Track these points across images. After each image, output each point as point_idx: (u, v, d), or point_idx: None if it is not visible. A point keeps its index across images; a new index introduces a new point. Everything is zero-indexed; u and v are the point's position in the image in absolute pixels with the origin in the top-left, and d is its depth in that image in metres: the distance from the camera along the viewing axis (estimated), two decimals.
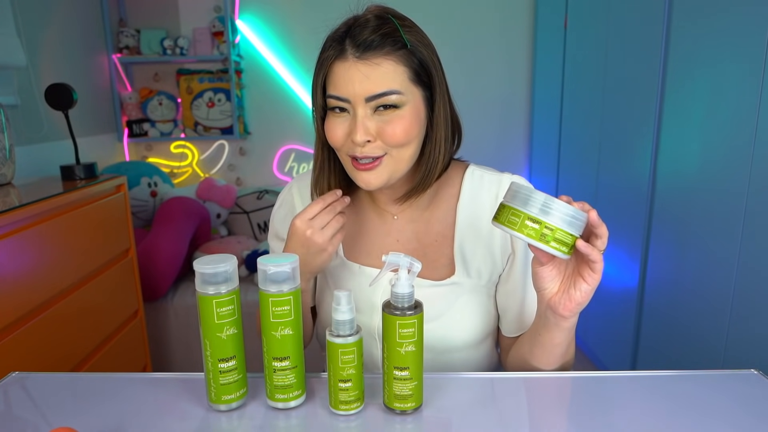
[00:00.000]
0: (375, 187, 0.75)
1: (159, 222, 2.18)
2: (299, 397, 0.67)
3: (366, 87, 0.70)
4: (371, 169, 0.74)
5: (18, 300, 1.15)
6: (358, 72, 0.70)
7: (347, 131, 0.73)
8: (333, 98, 0.73)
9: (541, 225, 0.62)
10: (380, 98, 0.71)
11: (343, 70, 0.72)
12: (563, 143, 2.50)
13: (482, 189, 0.83)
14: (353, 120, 0.72)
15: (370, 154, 0.73)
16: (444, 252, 0.83)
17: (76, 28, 2.36)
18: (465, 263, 0.82)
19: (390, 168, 0.75)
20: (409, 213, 0.85)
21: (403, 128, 0.72)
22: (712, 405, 0.67)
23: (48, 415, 0.68)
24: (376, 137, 0.73)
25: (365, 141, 0.72)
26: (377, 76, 0.70)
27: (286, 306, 0.63)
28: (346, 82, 0.71)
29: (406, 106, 0.72)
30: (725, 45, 1.35)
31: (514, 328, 0.85)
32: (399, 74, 0.71)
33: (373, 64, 0.70)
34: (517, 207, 0.63)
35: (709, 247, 1.43)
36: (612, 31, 1.97)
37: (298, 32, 2.79)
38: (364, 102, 0.71)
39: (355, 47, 0.71)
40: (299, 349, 0.66)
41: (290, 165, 2.96)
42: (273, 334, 0.64)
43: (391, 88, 0.71)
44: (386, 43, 0.71)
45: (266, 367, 0.66)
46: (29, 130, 1.94)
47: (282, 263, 0.63)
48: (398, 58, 0.71)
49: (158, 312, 2.11)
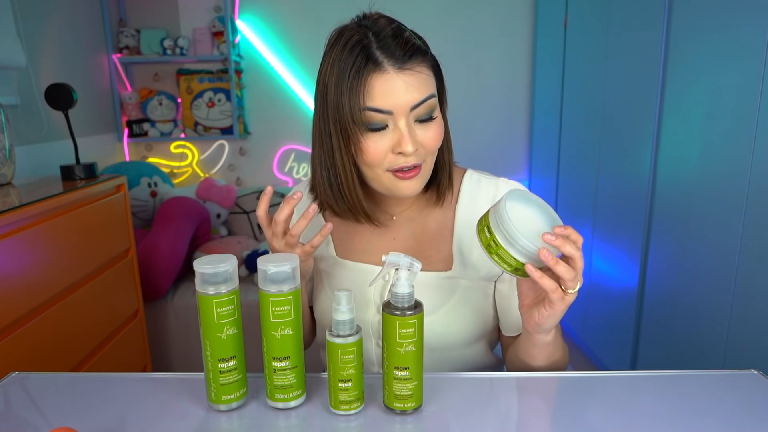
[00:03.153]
0: (415, 192, 0.77)
1: (159, 222, 2.18)
2: (299, 397, 0.67)
3: (411, 96, 0.71)
4: (415, 176, 0.75)
5: (18, 300, 1.15)
6: (403, 83, 0.70)
7: (390, 145, 0.72)
8: (374, 111, 0.70)
9: (491, 236, 0.64)
10: (422, 104, 0.72)
11: (384, 82, 0.70)
12: (563, 143, 2.50)
13: (480, 192, 0.85)
14: (395, 132, 0.72)
15: (417, 161, 0.74)
16: (440, 248, 0.84)
17: (76, 28, 2.36)
18: (462, 259, 0.83)
19: (425, 174, 0.77)
20: (408, 213, 0.86)
21: (438, 133, 0.75)
22: (712, 405, 0.67)
23: (48, 415, 0.68)
24: (419, 146, 0.74)
25: (414, 150, 0.72)
26: (420, 84, 0.71)
27: (286, 306, 0.63)
28: (389, 94, 0.70)
29: (437, 110, 0.75)
30: (725, 45, 1.35)
31: (513, 327, 0.86)
32: (432, 77, 0.74)
33: (415, 72, 0.71)
34: (488, 213, 0.66)
35: (708, 247, 1.43)
36: (612, 31, 1.97)
37: (298, 32, 2.79)
38: (408, 111, 0.71)
39: (393, 58, 0.70)
40: (299, 349, 0.66)
41: (290, 165, 2.96)
42: (273, 334, 0.64)
43: (431, 92, 0.73)
44: (418, 49, 0.72)
45: (266, 367, 0.66)
46: (29, 130, 1.94)
47: (282, 263, 0.63)
48: (427, 63, 0.73)
49: (158, 312, 2.11)
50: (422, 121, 0.73)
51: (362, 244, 0.87)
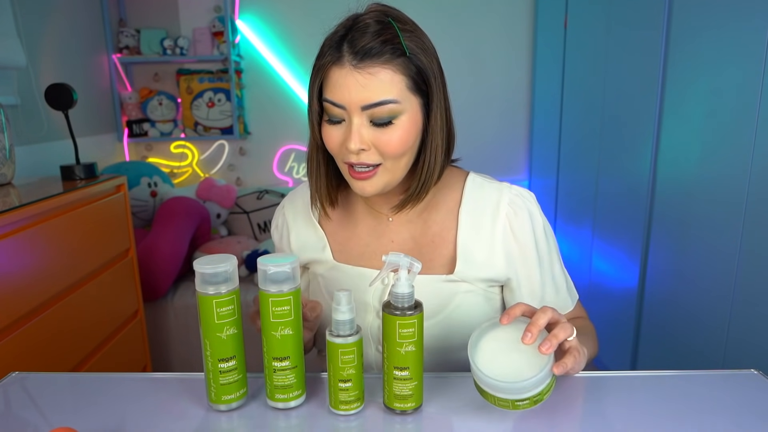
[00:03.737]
0: (370, 194, 0.76)
1: (159, 222, 2.18)
2: (299, 397, 0.67)
3: (362, 95, 0.69)
4: (367, 178, 0.74)
5: (18, 300, 1.15)
6: (355, 81, 0.69)
7: (342, 139, 0.73)
8: (329, 102, 0.72)
9: (495, 398, 0.62)
10: (377, 107, 0.70)
11: (339, 77, 0.70)
12: (563, 143, 2.50)
13: (483, 196, 0.83)
14: (348, 127, 0.72)
15: (365, 161, 0.72)
16: (441, 252, 0.83)
17: (76, 28, 2.36)
18: (466, 263, 0.81)
19: (385, 178, 0.75)
20: (405, 215, 0.85)
21: (399, 139, 0.72)
22: (712, 405, 0.67)
23: (48, 415, 0.68)
24: (371, 146, 0.72)
25: (359, 149, 0.71)
26: (374, 86, 0.69)
27: (286, 306, 0.63)
28: (342, 89, 0.70)
29: (403, 116, 0.72)
30: (725, 45, 1.35)
31: None
32: (396, 83, 0.70)
33: (369, 74, 0.69)
34: (492, 393, 0.62)
35: (708, 247, 1.43)
36: (612, 31, 1.97)
37: (298, 32, 2.79)
38: (360, 110, 0.70)
39: (353, 54, 0.69)
40: (299, 349, 0.66)
41: (290, 165, 2.96)
42: (273, 334, 0.64)
43: (388, 97, 0.70)
44: (385, 50, 0.69)
45: (266, 367, 0.66)
46: (29, 130, 1.94)
47: (282, 263, 0.63)
48: (396, 66, 0.70)
49: (158, 312, 2.11)
50: (379, 125, 0.71)
51: (360, 248, 0.86)
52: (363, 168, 0.73)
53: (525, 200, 0.82)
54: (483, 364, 0.62)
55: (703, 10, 1.44)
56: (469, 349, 0.63)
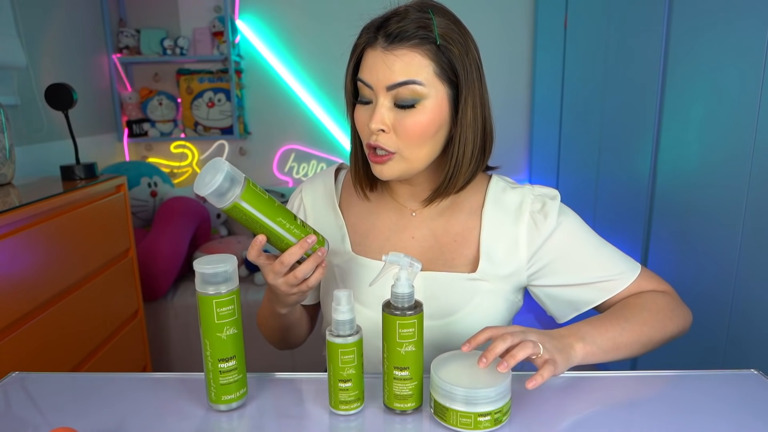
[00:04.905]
0: (387, 178, 0.77)
1: (159, 222, 2.18)
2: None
3: (387, 75, 0.71)
4: (383, 162, 0.75)
5: (18, 300, 1.15)
6: (383, 62, 0.72)
7: (367, 121, 0.75)
8: (361, 82, 0.75)
9: (471, 417, 0.61)
10: (400, 87, 0.71)
11: (370, 58, 0.73)
12: (563, 143, 2.50)
13: (505, 199, 0.84)
14: (373, 108, 0.74)
15: (382, 144, 0.74)
16: (462, 252, 0.82)
17: (76, 28, 2.36)
18: (489, 263, 0.81)
19: (402, 165, 0.76)
20: (428, 211, 0.85)
21: (420, 124, 0.73)
22: (712, 405, 0.67)
23: (48, 415, 0.68)
24: (391, 129, 0.73)
25: (379, 129, 0.73)
26: (399, 67, 0.71)
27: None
28: (372, 70, 0.73)
29: (427, 101, 0.73)
30: (725, 45, 1.35)
31: (566, 311, 0.85)
32: (423, 67, 0.72)
33: (396, 56, 0.71)
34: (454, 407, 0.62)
35: (709, 247, 1.43)
36: (612, 31, 1.97)
37: (298, 32, 2.79)
38: (386, 90, 0.72)
39: (385, 37, 0.72)
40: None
41: (290, 165, 2.96)
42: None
43: (412, 77, 0.71)
44: (416, 35, 0.71)
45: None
46: (29, 130, 1.94)
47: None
48: (425, 51, 0.72)
49: (158, 312, 2.11)
50: (402, 107, 0.73)
51: (379, 241, 0.85)
52: (381, 152, 0.75)
53: (548, 198, 0.84)
54: (444, 375, 0.63)
55: (703, 10, 1.44)
56: (431, 368, 0.64)
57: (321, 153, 2.92)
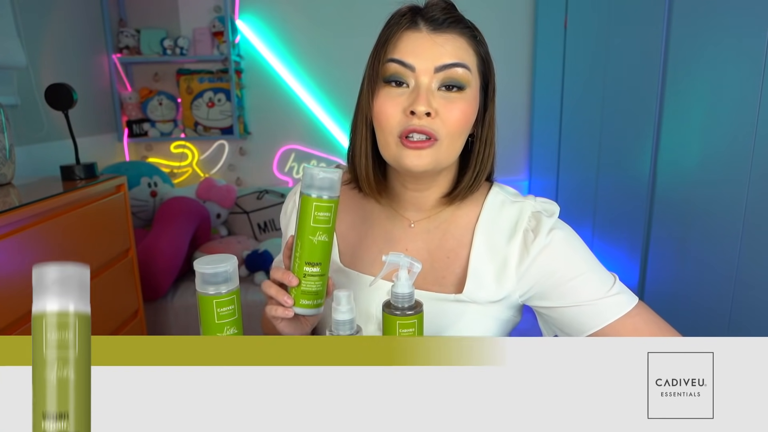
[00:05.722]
0: (423, 168, 0.70)
1: (159, 222, 2.18)
2: None
3: (438, 55, 0.68)
4: (422, 149, 0.68)
5: (18, 300, 1.15)
6: (432, 42, 0.69)
7: (405, 105, 0.69)
8: (396, 63, 0.69)
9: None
10: (451, 68, 0.69)
11: (414, 39, 0.70)
12: (563, 143, 2.50)
13: (502, 215, 0.78)
14: (415, 92, 0.69)
15: (427, 128, 0.68)
16: (453, 270, 0.78)
17: (76, 28, 2.36)
18: (477, 284, 0.76)
19: (438, 155, 0.70)
20: (426, 223, 0.80)
21: (464, 112, 0.70)
22: None
23: None
24: (436, 115, 0.68)
25: (426, 112, 0.67)
26: (452, 47, 0.69)
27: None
28: (415, 50, 0.69)
29: (470, 89, 0.71)
30: (725, 45, 1.35)
31: (589, 324, 0.74)
32: (471, 54, 0.71)
33: (449, 37, 0.70)
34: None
35: (708, 247, 1.43)
36: (612, 31, 1.97)
37: (298, 32, 2.79)
38: (433, 72, 0.69)
39: (430, 21, 0.70)
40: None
41: (290, 165, 2.96)
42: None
43: (464, 60, 0.70)
44: (461, 24, 0.71)
45: None
46: (29, 130, 1.94)
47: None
48: (470, 40, 0.72)
49: (158, 312, 2.11)
50: (448, 89, 0.69)
51: (371, 253, 0.81)
52: (421, 137, 0.68)
53: (544, 215, 0.76)
54: None
55: (703, 10, 1.44)
56: None
57: (321, 153, 2.92)
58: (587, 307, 0.73)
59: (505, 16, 2.81)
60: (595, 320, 0.73)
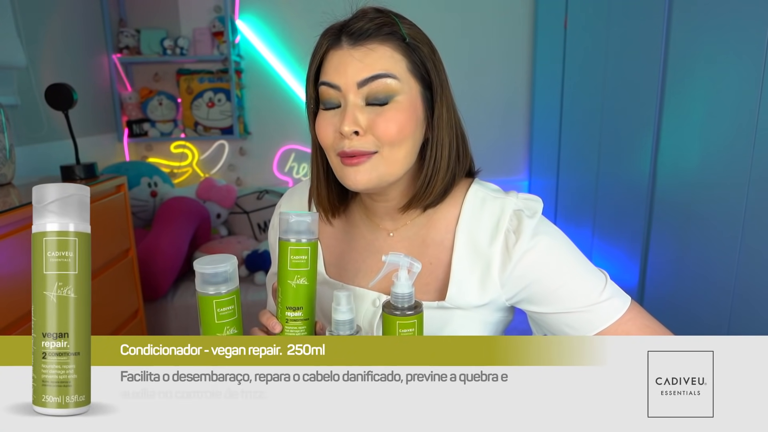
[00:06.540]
0: (363, 186, 0.68)
1: (159, 222, 2.18)
2: None
3: (358, 70, 0.66)
4: (359, 164, 0.67)
5: (18, 300, 1.15)
6: (351, 57, 0.67)
7: (336, 126, 0.68)
8: (325, 85, 0.69)
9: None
10: (373, 82, 0.66)
11: (336, 58, 0.68)
12: (563, 143, 2.50)
13: (483, 213, 0.75)
14: (343, 111, 0.67)
15: (359, 148, 0.67)
16: (436, 276, 0.76)
17: (76, 28, 2.36)
18: (459, 289, 0.73)
19: (381, 168, 0.68)
20: (405, 231, 0.78)
21: (397, 122, 0.67)
22: None
23: None
24: (367, 131, 0.67)
25: (352, 132, 0.66)
26: (371, 59, 0.66)
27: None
28: (338, 69, 0.68)
29: (402, 96, 0.68)
30: (725, 45, 1.35)
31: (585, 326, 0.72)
32: (396, 60, 0.68)
33: (367, 49, 0.67)
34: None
35: (709, 247, 1.43)
36: (612, 31, 1.97)
37: (298, 32, 2.79)
38: (356, 88, 0.67)
39: (349, 36, 0.68)
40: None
41: (290, 165, 2.96)
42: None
43: (385, 71, 0.66)
44: (383, 31, 0.68)
45: None
46: (29, 130, 1.94)
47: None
48: (396, 46, 0.68)
49: (158, 312, 2.11)
50: (375, 104, 0.67)
51: (355, 264, 0.80)
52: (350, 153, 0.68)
53: (526, 214, 0.73)
54: None
55: (703, 10, 1.44)
56: None
57: None
58: (577, 314, 0.71)
59: (505, 16, 2.81)
60: (586, 327, 0.71)
